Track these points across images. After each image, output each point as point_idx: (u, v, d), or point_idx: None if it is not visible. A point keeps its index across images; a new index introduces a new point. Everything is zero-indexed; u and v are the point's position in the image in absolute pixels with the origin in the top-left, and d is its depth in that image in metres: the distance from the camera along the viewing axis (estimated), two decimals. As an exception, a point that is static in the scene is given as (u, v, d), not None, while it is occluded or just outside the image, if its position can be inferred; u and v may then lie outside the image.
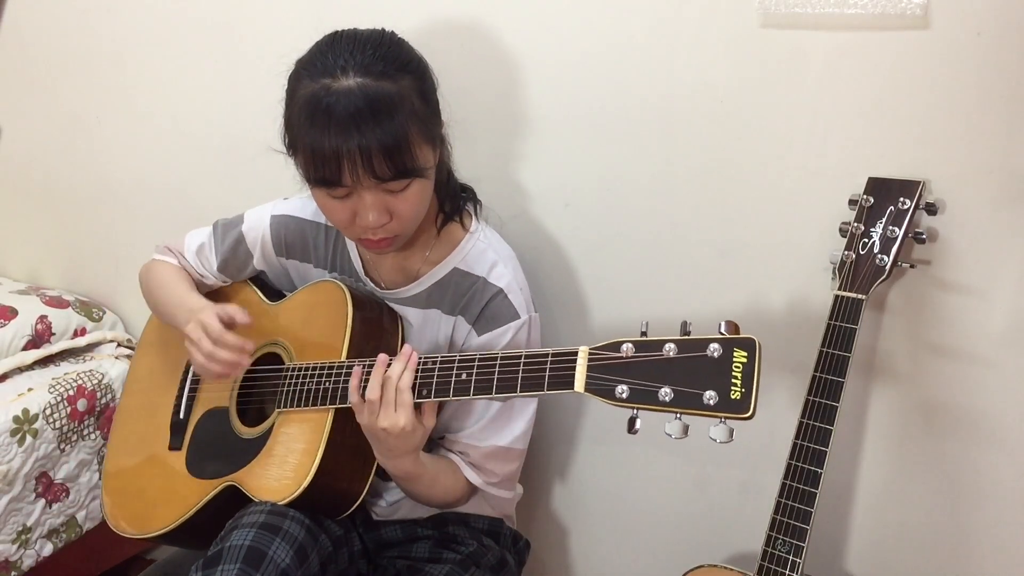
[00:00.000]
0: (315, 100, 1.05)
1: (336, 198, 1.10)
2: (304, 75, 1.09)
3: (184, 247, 1.39)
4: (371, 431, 1.12)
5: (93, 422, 1.76)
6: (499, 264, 1.24)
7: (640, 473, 1.53)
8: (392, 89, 1.06)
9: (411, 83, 1.09)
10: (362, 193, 1.08)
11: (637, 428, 0.94)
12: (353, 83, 1.04)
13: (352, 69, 1.05)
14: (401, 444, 1.11)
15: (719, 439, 0.90)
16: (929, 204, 1.17)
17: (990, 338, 1.21)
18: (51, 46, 1.85)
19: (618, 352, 0.95)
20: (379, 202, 1.09)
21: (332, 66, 1.06)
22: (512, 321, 1.21)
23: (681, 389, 0.91)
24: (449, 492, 1.25)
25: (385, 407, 1.08)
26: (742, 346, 0.90)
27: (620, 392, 0.94)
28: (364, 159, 1.04)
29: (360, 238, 1.16)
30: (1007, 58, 1.12)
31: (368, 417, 1.10)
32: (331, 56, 1.07)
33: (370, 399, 1.09)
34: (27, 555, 1.66)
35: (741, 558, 1.45)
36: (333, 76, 1.05)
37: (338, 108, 1.03)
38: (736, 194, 1.32)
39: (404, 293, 1.26)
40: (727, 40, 1.26)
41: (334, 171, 1.05)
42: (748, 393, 0.89)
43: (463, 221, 1.27)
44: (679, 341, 0.93)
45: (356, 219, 1.12)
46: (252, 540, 1.06)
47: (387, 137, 1.04)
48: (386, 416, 1.08)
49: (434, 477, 1.22)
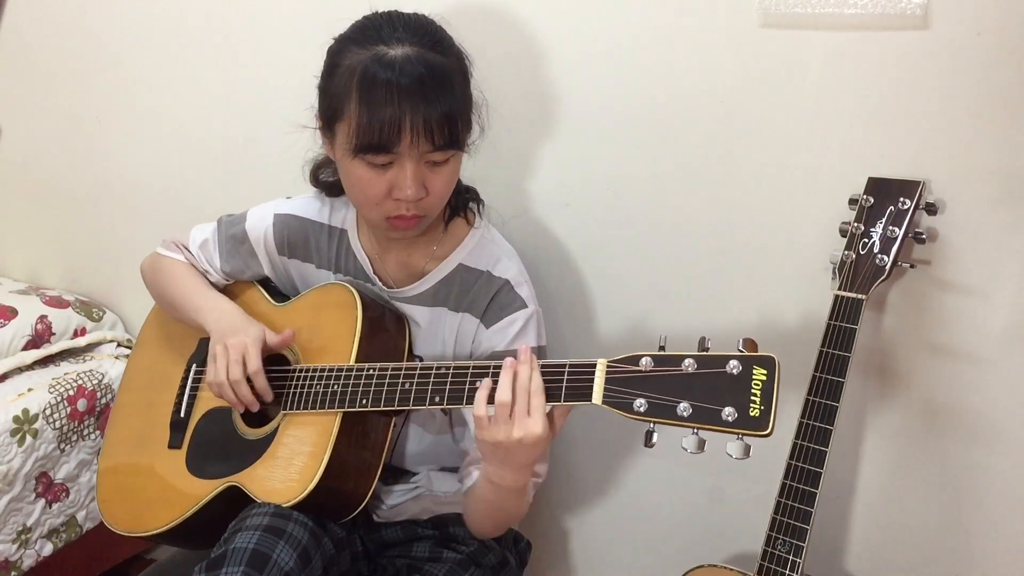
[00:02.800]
0: (371, 65, 1.05)
1: (377, 166, 1.09)
2: (351, 45, 1.09)
3: (189, 241, 1.39)
4: (503, 445, 1.03)
5: (93, 422, 1.76)
6: (503, 258, 1.24)
7: (640, 474, 1.53)
8: (446, 62, 1.08)
9: (456, 62, 1.12)
10: (404, 163, 1.08)
11: (654, 442, 0.94)
12: (411, 51, 1.06)
13: (406, 39, 1.07)
14: (530, 454, 1.05)
15: (735, 455, 0.90)
16: (929, 204, 1.17)
17: (990, 338, 1.21)
18: (51, 46, 1.85)
19: (637, 365, 0.95)
20: (419, 174, 1.10)
21: (386, 35, 1.08)
22: (520, 310, 1.21)
23: (700, 405, 0.91)
24: (525, 504, 1.21)
25: (519, 415, 1.01)
26: (762, 364, 0.91)
27: (638, 406, 0.94)
28: (426, 124, 1.05)
29: (388, 217, 1.14)
30: (1007, 58, 1.12)
31: (501, 429, 1.02)
32: (382, 26, 1.09)
33: (502, 402, 1.01)
34: (27, 555, 1.66)
35: (741, 558, 1.45)
36: (388, 44, 1.07)
37: (401, 73, 1.04)
38: (736, 194, 1.32)
39: (411, 291, 1.26)
40: (727, 40, 1.26)
41: (392, 136, 1.05)
42: (767, 411, 0.89)
43: (467, 218, 1.28)
44: (698, 356, 0.93)
45: (392, 192, 1.11)
46: (256, 543, 1.05)
47: (446, 105, 1.06)
48: (521, 425, 1.01)
49: (524, 489, 1.16)
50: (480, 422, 1.04)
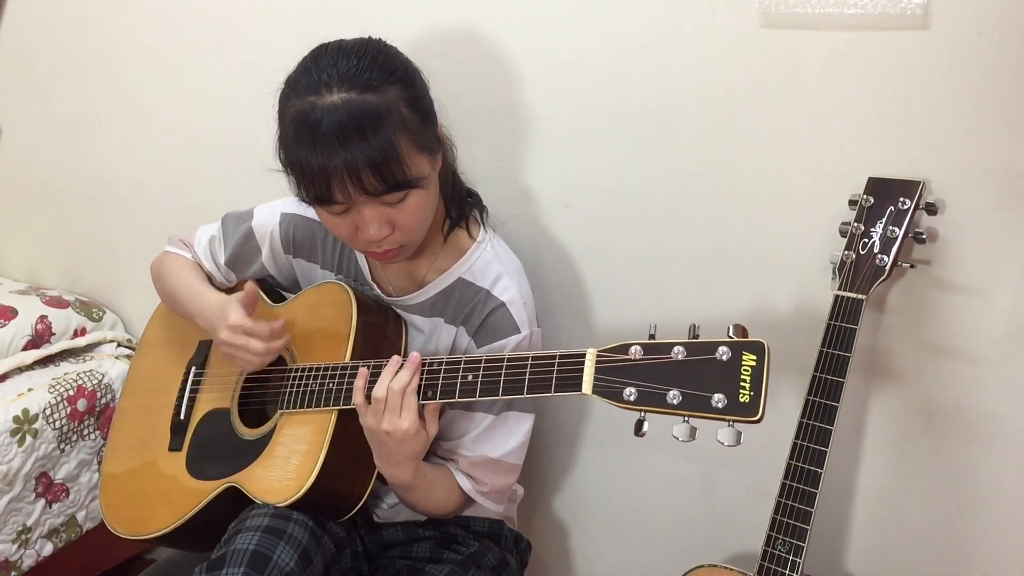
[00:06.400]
0: (301, 118, 1.04)
1: (335, 215, 1.10)
2: (292, 94, 1.08)
3: (195, 240, 1.40)
4: (373, 433, 1.12)
5: (93, 422, 1.76)
6: (504, 277, 1.23)
7: (641, 474, 1.53)
8: (377, 102, 1.04)
9: (398, 92, 1.07)
10: (360, 208, 1.08)
11: (645, 431, 0.94)
12: (337, 99, 1.03)
13: (336, 84, 1.04)
14: (402, 449, 1.11)
15: (727, 442, 0.90)
16: (929, 204, 1.17)
17: (990, 338, 1.21)
18: (51, 46, 1.85)
19: (626, 354, 0.95)
20: (379, 215, 1.09)
21: (316, 82, 1.05)
22: (512, 335, 1.20)
23: (690, 392, 0.91)
24: (444, 503, 1.25)
25: (390, 410, 1.08)
26: (751, 349, 0.91)
27: (628, 394, 0.94)
28: (352, 175, 1.03)
29: (366, 250, 1.16)
30: (1007, 58, 1.12)
31: (372, 418, 1.10)
32: (315, 71, 1.07)
33: (376, 397, 1.09)
34: (27, 555, 1.66)
35: (741, 558, 1.45)
36: (318, 92, 1.04)
37: (323, 125, 1.02)
38: (736, 194, 1.32)
39: (410, 300, 1.26)
40: (727, 40, 1.26)
41: (324, 189, 1.05)
42: (757, 396, 0.89)
43: (470, 229, 1.26)
44: (687, 344, 0.93)
45: (359, 232, 1.11)
46: (256, 544, 1.06)
47: (374, 152, 1.03)
48: (390, 419, 1.08)
49: (431, 488, 1.22)
50: (359, 408, 1.12)
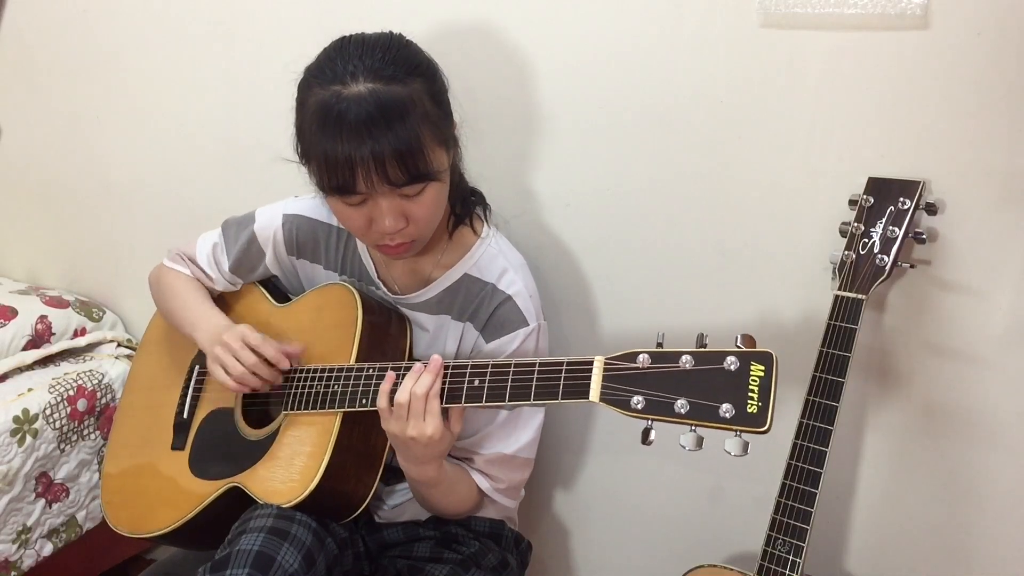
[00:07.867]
0: (326, 107, 1.04)
1: (352, 205, 1.10)
2: (314, 83, 1.07)
3: (196, 251, 1.38)
4: (398, 439, 1.11)
5: (93, 422, 1.76)
6: (510, 271, 1.23)
7: (641, 475, 1.53)
8: (403, 93, 1.05)
9: (422, 86, 1.08)
10: (377, 199, 1.08)
11: (652, 439, 0.94)
12: (364, 88, 1.04)
13: (362, 74, 1.04)
14: (428, 452, 1.11)
15: (734, 452, 0.90)
16: (929, 204, 1.17)
17: (990, 338, 1.21)
18: (51, 46, 1.85)
19: (634, 362, 0.95)
20: (395, 207, 1.09)
21: (342, 72, 1.05)
22: (520, 328, 1.21)
23: (697, 401, 0.91)
24: (463, 500, 1.25)
25: (414, 415, 1.08)
26: (759, 360, 0.90)
27: (636, 403, 0.94)
28: (378, 165, 1.03)
29: (377, 244, 1.16)
30: (1007, 58, 1.12)
31: (395, 424, 1.09)
32: (340, 62, 1.06)
33: (399, 403, 1.08)
34: (27, 555, 1.66)
35: (741, 558, 1.45)
36: (343, 82, 1.04)
37: (350, 115, 1.02)
38: (736, 194, 1.32)
39: (416, 298, 1.26)
40: (727, 40, 1.26)
41: (348, 179, 1.05)
42: (765, 407, 0.89)
43: (474, 226, 1.27)
44: (696, 353, 0.93)
45: (373, 225, 1.11)
46: (260, 545, 1.06)
47: (400, 142, 1.03)
48: (415, 424, 1.07)
49: (452, 485, 1.22)
50: (382, 413, 1.10)
